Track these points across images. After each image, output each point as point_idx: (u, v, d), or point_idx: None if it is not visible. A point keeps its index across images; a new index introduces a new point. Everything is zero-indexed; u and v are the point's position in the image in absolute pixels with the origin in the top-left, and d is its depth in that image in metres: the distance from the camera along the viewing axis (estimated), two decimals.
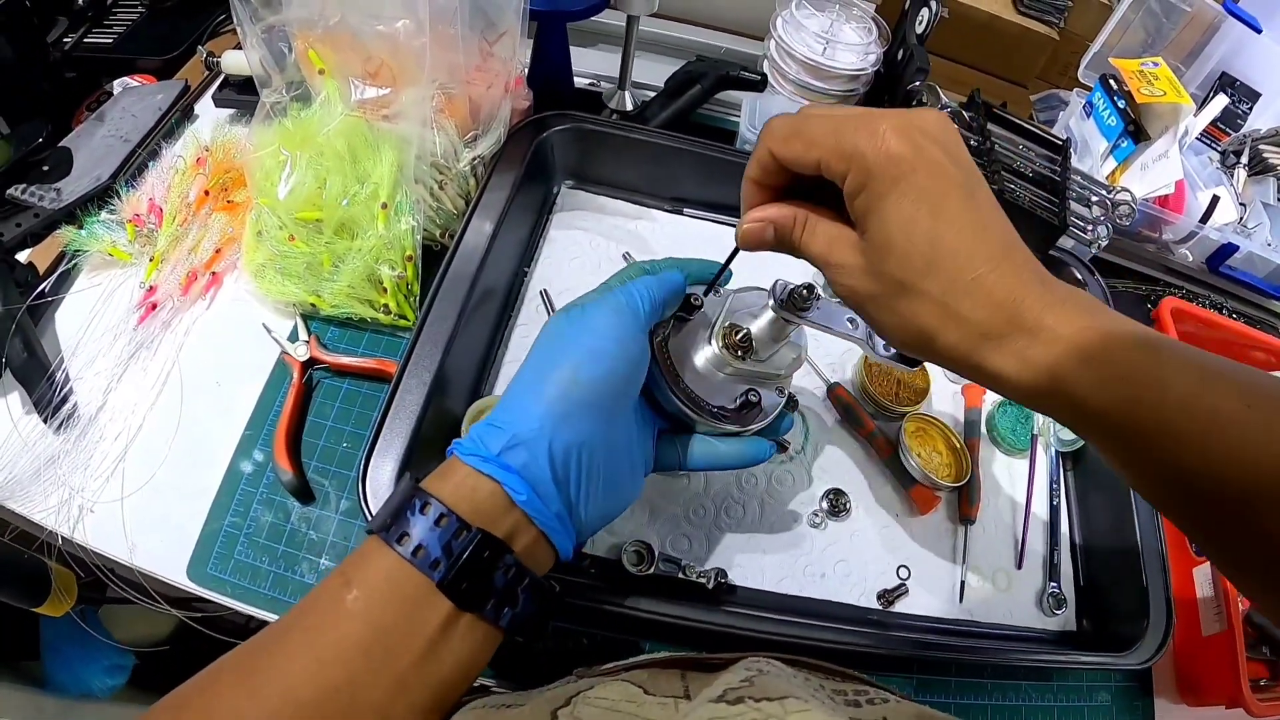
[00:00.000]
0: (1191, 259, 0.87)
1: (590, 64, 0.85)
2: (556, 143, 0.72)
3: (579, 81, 0.82)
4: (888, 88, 0.86)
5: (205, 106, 0.82)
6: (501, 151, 0.70)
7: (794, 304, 0.43)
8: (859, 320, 0.46)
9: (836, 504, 0.64)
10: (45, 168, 0.74)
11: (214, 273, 0.72)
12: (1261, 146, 0.86)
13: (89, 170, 0.74)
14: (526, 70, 0.70)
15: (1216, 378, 0.30)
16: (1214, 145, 0.91)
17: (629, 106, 0.81)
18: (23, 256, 0.71)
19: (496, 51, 0.66)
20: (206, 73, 0.82)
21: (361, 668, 0.32)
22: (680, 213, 0.78)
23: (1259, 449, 0.28)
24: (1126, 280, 0.89)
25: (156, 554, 0.60)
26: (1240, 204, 0.85)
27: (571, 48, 0.78)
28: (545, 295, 0.71)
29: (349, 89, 0.68)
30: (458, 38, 0.65)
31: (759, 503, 0.64)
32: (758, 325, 0.45)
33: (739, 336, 0.46)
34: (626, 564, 0.59)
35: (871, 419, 0.68)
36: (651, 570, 0.59)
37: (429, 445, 0.59)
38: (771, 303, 0.43)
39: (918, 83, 0.80)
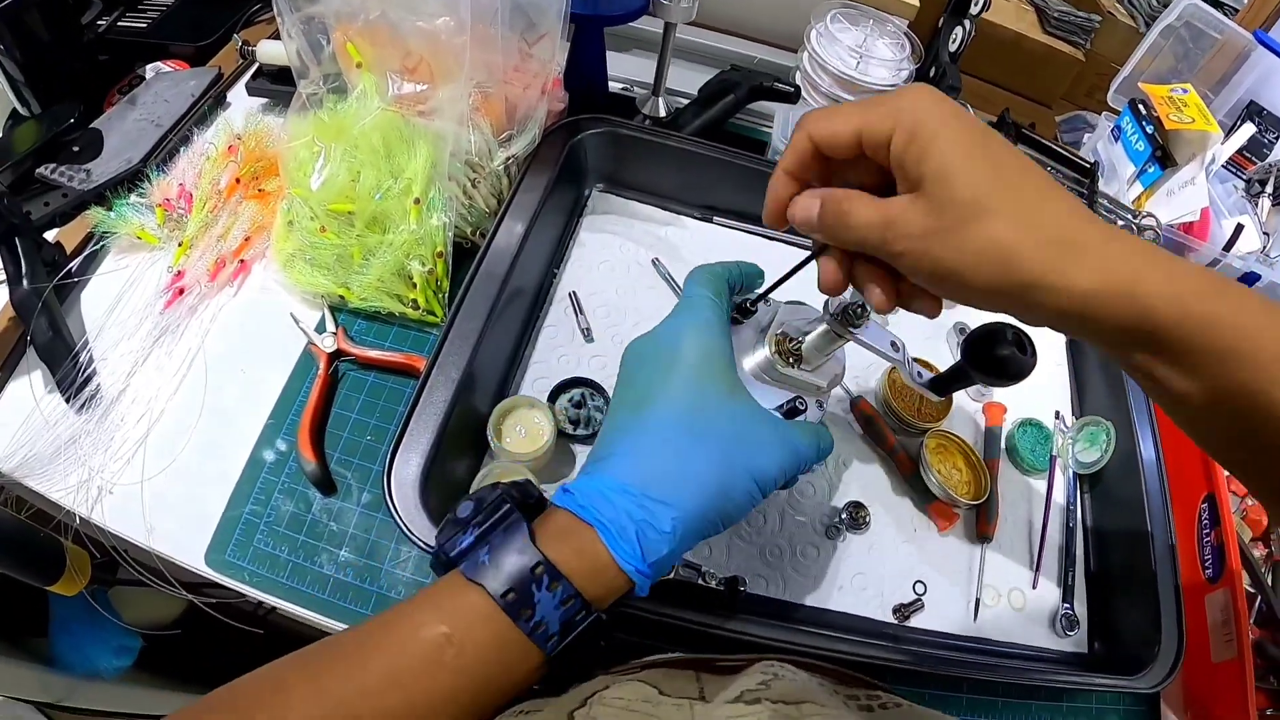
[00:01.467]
0: None
1: (625, 69, 0.86)
2: (590, 146, 0.73)
3: (613, 86, 0.83)
4: None
5: (238, 95, 0.82)
6: (536, 152, 0.71)
7: (848, 318, 0.44)
8: (901, 343, 0.49)
9: (856, 517, 0.65)
10: (76, 148, 0.75)
11: (242, 260, 0.73)
12: None
13: (120, 153, 0.75)
14: (562, 72, 0.71)
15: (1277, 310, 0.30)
16: (1239, 173, 0.92)
17: (662, 113, 0.82)
18: (50, 236, 0.72)
19: (535, 53, 0.67)
20: (241, 61, 0.82)
21: (445, 712, 0.34)
22: (710, 220, 0.79)
23: None
24: None
25: (175, 538, 0.60)
26: (1264, 233, 0.86)
27: (607, 52, 0.78)
28: (574, 297, 0.71)
29: (386, 83, 0.68)
30: (497, 37, 0.65)
31: (780, 513, 0.65)
32: (810, 336, 0.47)
33: (791, 343, 0.48)
34: None
35: (894, 434, 0.69)
36: (672, 576, 0.59)
37: (454, 440, 0.60)
38: (827, 315, 0.45)
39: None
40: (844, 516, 0.65)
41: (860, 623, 0.63)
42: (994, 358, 0.47)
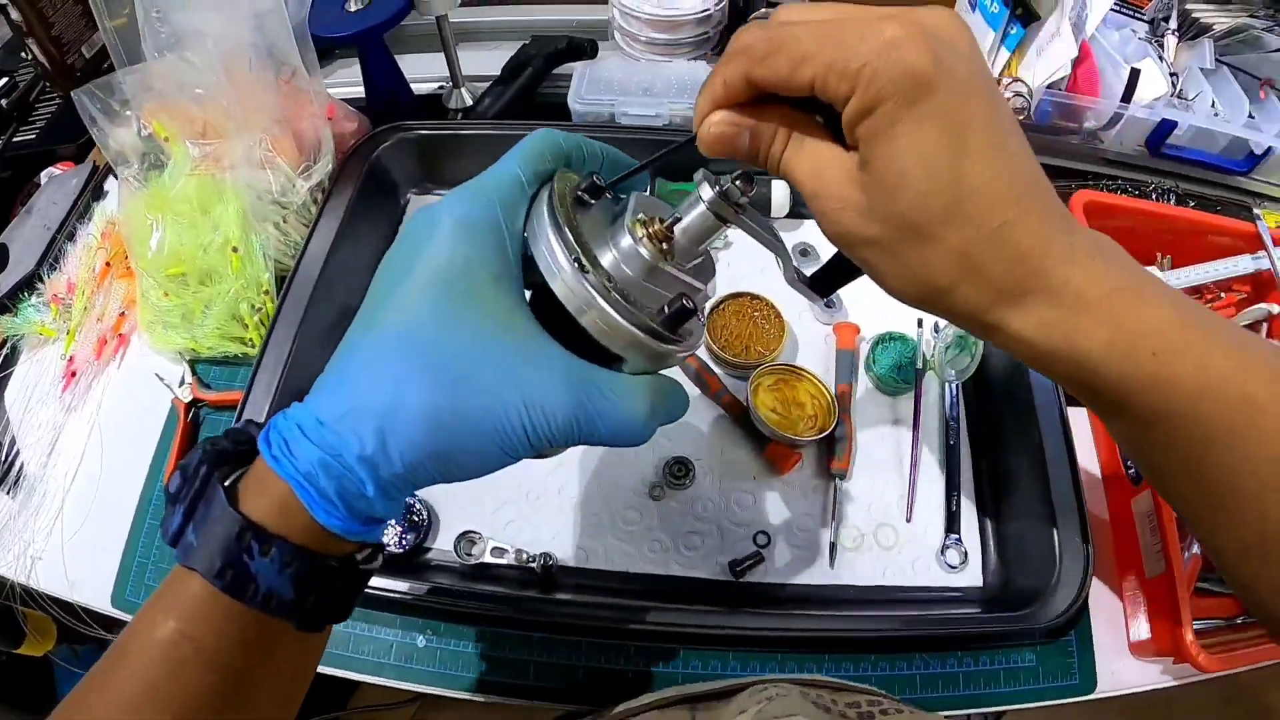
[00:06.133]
0: (1124, 144, 0.73)
1: (438, 68, 0.81)
2: (392, 156, 0.71)
3: (425, 88, 0.80)
4: (743, 22, 0.78)
5: (114, 183, 0.87)
6: (339, 175, 0.70)
7: (729, 198, 0.32)
8: (776, 232, 0.35)
9: (678, 472, 0.58)
10: None
11: (121, 335, 0.76)
12: (1190, 6, 0.71)
13: (21, 261, 0.80)
14: (333, 97, 0.70)
15: (1254, 362, 0.27)
16: (1139, 14, 0.76)
17: (468, 102, 0.79)
18: None
19: (296, 84, 0.66)
20: None
21: (215, 711, 0.29)
22: None
23: None
24: (1053, 181, 0.77)
25: (89, 587, 0.64)
26: (1172, 74, 0.71)
27: (415, 55, 0.77)
28: None
29: (188, 150, 0.70)
30: (259, 82, 0.66)
31: (597, 479, 0.59)
32: (685, 220, 0.33)
33: (664, 224, 0.33)
34: (459, 554, 0.56)
35: (720, 379, 0.62)
36: (483, 558, 0.56)
37: None
38: (705, 194, 0.32)
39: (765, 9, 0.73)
40: (665, 474, 0.59)
41: (693, 585, 0.56)
42: None
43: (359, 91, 0.77)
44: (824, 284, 0.36)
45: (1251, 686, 1.14)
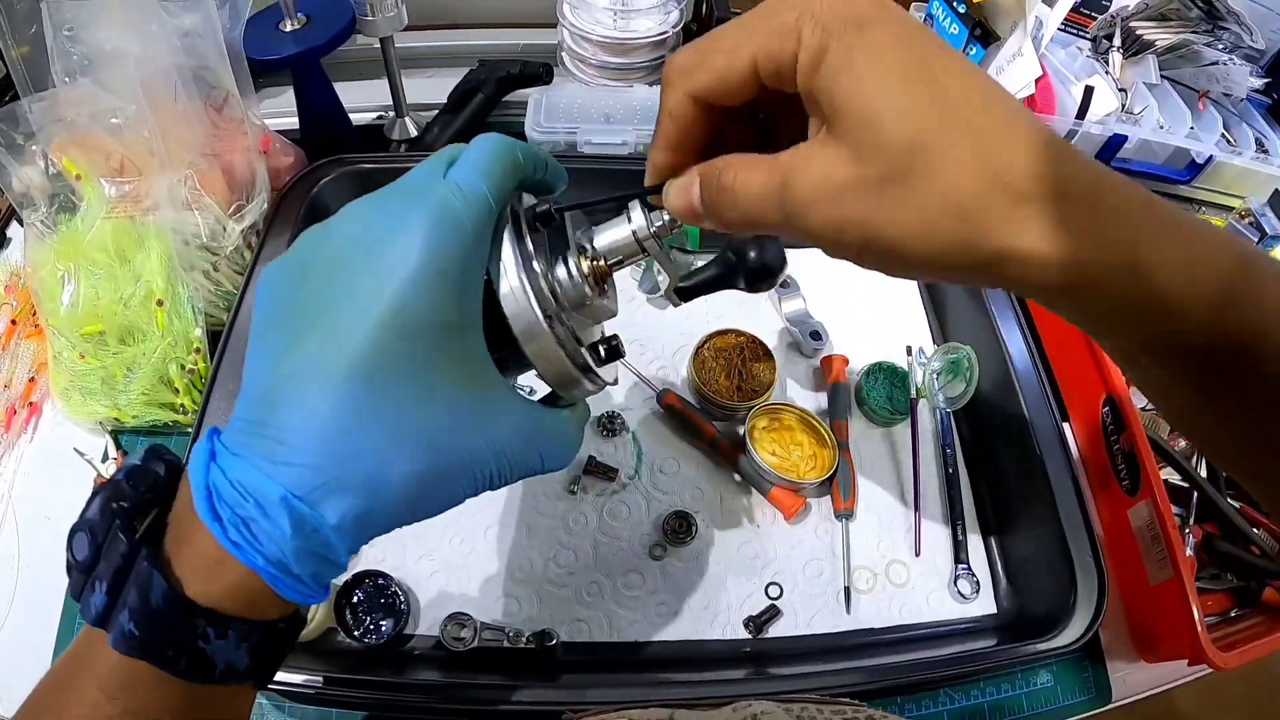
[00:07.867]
0: None
1: (374, 96, 0.73)
2: (332, 193, 0.62)
3: (364, 118, 0.72)
4: None
5: (18, 229, 0.74)
6: (275, 215, 0.60)
7: (659, 236, 0.30)
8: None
9: (679, 529, 0.52)
10: None
11: (32, 403, 0.64)
12: (1133, 24, 0.70)
13: None
14: (268, 127, 0.60)
15: None
16: (1082, 33, 0.75)
17: (413, 133, 0.70)
18: None
19: (229, 113, 0.56)
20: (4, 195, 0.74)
21: None
22: None
23: None
24: None
25: (20, 698, 0.53)
26: (1120, 90, 0.70)
27: (355, 83, 0.67)
28: None
29: (103, 190, 0.59)
30: (185, 111, 0.55)
31: (592, 544, 0.52)
32: (616, 253, 0.31)
33: (608, 264, 0.31)
34: (446, 641, 0.48)
35: (711, 423, 0.55)
36: (475, 644, 0.48)
37: None
38: (637, 220, 0.30)
39: None
40: (664, 531, 0.52)
41: (711, 648, 0.50)
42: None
43: (289, 123, 0.67)
44: (687, 292, 0.38)
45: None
